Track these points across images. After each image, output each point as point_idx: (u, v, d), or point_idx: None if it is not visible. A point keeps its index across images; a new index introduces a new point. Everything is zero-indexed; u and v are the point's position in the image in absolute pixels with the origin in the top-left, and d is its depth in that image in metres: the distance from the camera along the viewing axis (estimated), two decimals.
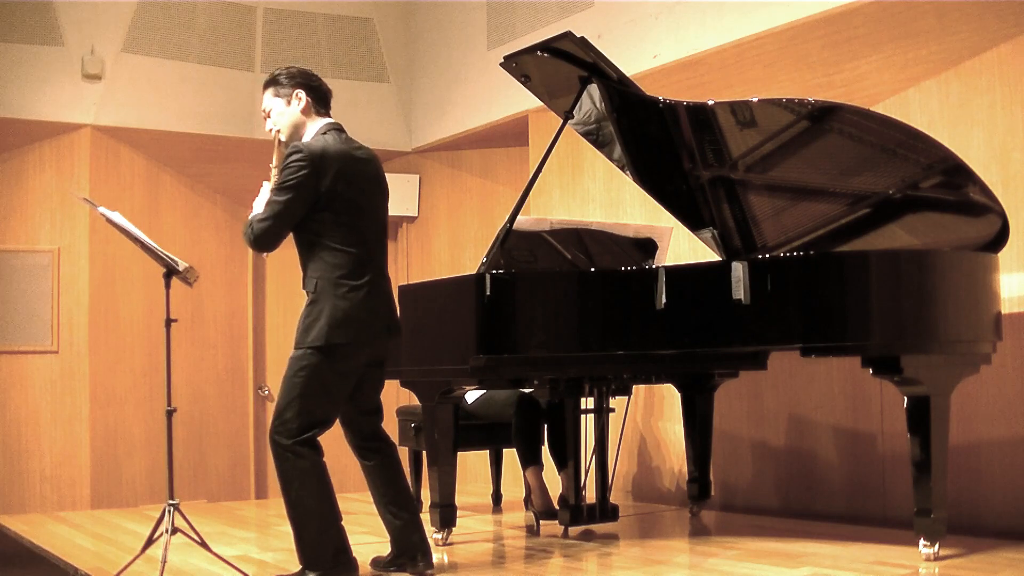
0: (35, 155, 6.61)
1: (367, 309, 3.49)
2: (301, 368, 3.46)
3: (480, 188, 7.43)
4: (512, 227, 4.21)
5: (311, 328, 3.45)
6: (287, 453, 3.45)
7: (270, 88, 3.65)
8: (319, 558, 3.46)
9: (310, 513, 3.45)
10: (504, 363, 4.08)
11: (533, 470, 4.96)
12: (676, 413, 5.33)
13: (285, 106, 3.62)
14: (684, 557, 4.16)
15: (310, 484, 3.45)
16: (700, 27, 5.37)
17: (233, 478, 7.20)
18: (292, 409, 3.45)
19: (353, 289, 3.46)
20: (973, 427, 4.44)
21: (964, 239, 4.09)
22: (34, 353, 6.48)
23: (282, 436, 3.46)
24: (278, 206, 3.42)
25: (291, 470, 3.45)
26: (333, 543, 3.49)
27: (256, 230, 3.45)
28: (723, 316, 3.94)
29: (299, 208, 3.43)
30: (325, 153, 3.46)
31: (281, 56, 7.11)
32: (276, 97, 3.63)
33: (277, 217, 3.43)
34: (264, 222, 3.44)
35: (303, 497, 3.44)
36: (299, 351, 3.49)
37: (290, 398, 3.46)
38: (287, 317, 7.61)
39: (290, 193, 3.41)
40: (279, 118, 3.63)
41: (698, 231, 4.83)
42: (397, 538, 3.71)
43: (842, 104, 4.02)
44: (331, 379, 3.49)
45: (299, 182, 3.40)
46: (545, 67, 4.38)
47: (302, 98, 3.61)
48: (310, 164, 3.41)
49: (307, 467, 3.44)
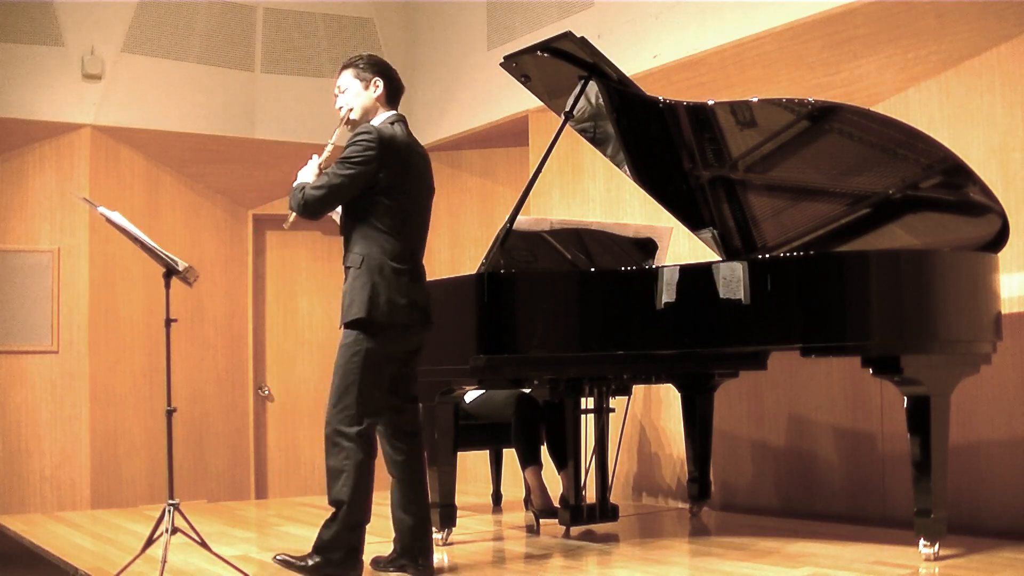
0: (35, 155, 6.61)
1: (406, 295, 3.55)
2: (354, 353, 3.48)
3: (480, 188, 7.43)
4: (512, 227, 4.21)
5: (353, 303, 3.49)
6: (346, 442, 3.45)
7: (350, 69, 3.72)
8: (332, 550, 3.49)
9: (347, 508, 3.47)
10: (504, 363, 4.09)
11: (532, 470, 4.96)
12: (676, 413, 5.33)
13: (363, 89, 3.70)
14: (684, 557, 4.16)
15: (358, 480, 3.46)
16: (700, 27, 5.37)
17: (233, 478, 7.20)
18: (351, 395, 3.46)
19: (395, 272, 3.53)
20: (973, 427, 4.44)
21: (964, 239, 4.09)
22: (34, 353, 6.48)
23: (343, 424, 3.46)
24: (336, 179, 3.49)
25: (345, 461, 3.46)
26: (352, 542, 3.52)
27: (308, 196, 3.51)
28: (723, 316, 3.94)
29: (356, 185, 3.50)
30: (393, 141, 3.55)
31: (281, 56, 7.11)
32: (355, 79, 3.70)
33: (332, 188, 3.50)
34: (318, 190, 3.50)
35: (347, 491, 3.46)
36: (349, 335, 3.51)
37: (346, 383, 3.48)
38: (287, 317, 7.61)
39: (352, 169, 3.48)
40: (354, 99, 3.70)
41: (698, 231, 4.83)
42: (405, 537, 3.72)
43: (842, 104, 4.03)
44: (383, 364, 3.53)
45: (363, 160, 3.48)
46: (545, 67, 4.38)
47: (379, 86, 3.70)
48: (378, 147, 3.49)
49: (361, 462, 3.46)
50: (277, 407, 7.53)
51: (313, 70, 7.17)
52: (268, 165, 7.27)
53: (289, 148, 7.16)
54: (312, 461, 7.53)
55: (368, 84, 3.69)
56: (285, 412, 7.54)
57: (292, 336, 7.61)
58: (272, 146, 7.15)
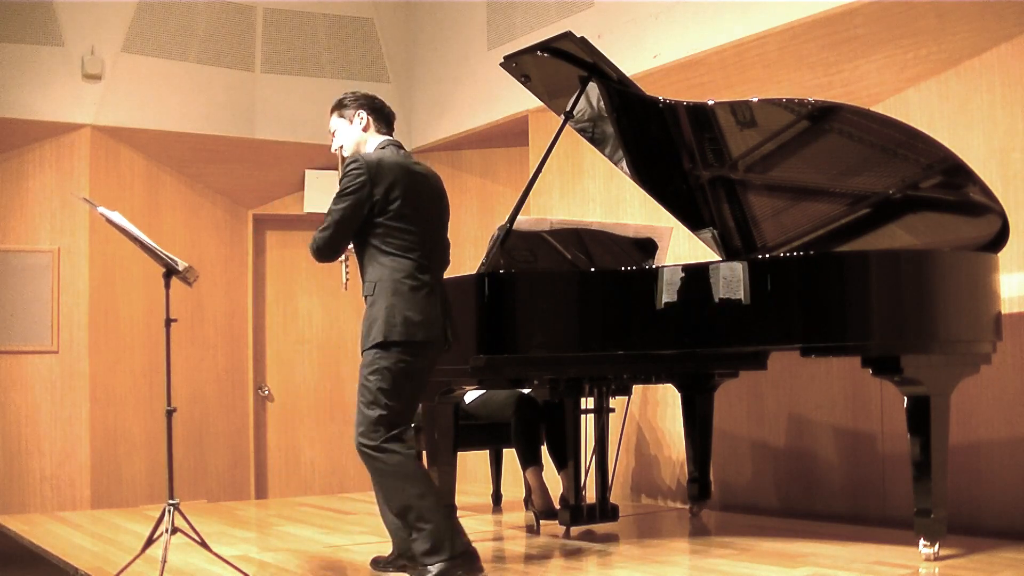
0: (35, 155, 6.61)
1: (422, 311, 3.56)
2: (373, 370, 3.52)
3: (480, 188, 7.43)
4: (512, 227, 4.21)
5: (371, 329, 3.53)
6: (376, 453, 3.47)
7: (336, 111, 3.82)
8: (437, 549, 3.44)
9: (418, 507, 3.44)
10: (504, 363, 4.09)
11: (533, 470, 4.96)
12: (676, 413, 5.33)
13: (348, 125, 3.79)
14: (684, 557, 4.15)
15: (406, 477, 3.46)
16: (700, 27, 5.37)
17: (233, 478, 7.20)
18: (373, 410, 3.49)
19: (411, 290, 3.55)
20: (973, 427, 4.44)
21: (964, 239, 4.09)
22: (34, 353, 6.48)
23: (367, 438, 3.49)
24: (336, 214, 3.56)
25: (383, 469, 3.47)
26: (447, 531, 3.47)
27: (318, 240, 3.61)
28: (723, 316, 3.94)
29: (356, 214, 3.55)
30: (380, 163, 3.60)
31: (281, 56, 7.11)
32: (340, 118, 3.81)
33: (336, 225, 3.57)
34: (325, 231, 3.59)
35: (404, 491, 3.45)
36: (368, 354, 3.54)
37: (368, 400, 3.51)
38: (287, 317, 7.62)
39: (347, 200, 3.55)
40: (343, 137, 3.80)
41: (698, 231, 4.83)
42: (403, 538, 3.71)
43: (842, 104, 4.02)
44: (402, 377, 3.54)
45: (356, 188, 3.54)
46: (545, 67, 4.38)
47: (363, 117, 3.78)
48: (366, 172, 3.55)
49: (399, 461, 3.47)
50: (277, 407, 7.53)
51: (313, 70, 7.18)
52: (268, 165, 7.27)
53: (289, 148, 7.17)
54: (312, 461, 7.54)
55: (352, 119, 3.78)
56: (285, 412, 7.55)
57: (292, 336, 7.61)
58: (272, 146, 7.15)
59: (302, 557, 4.24)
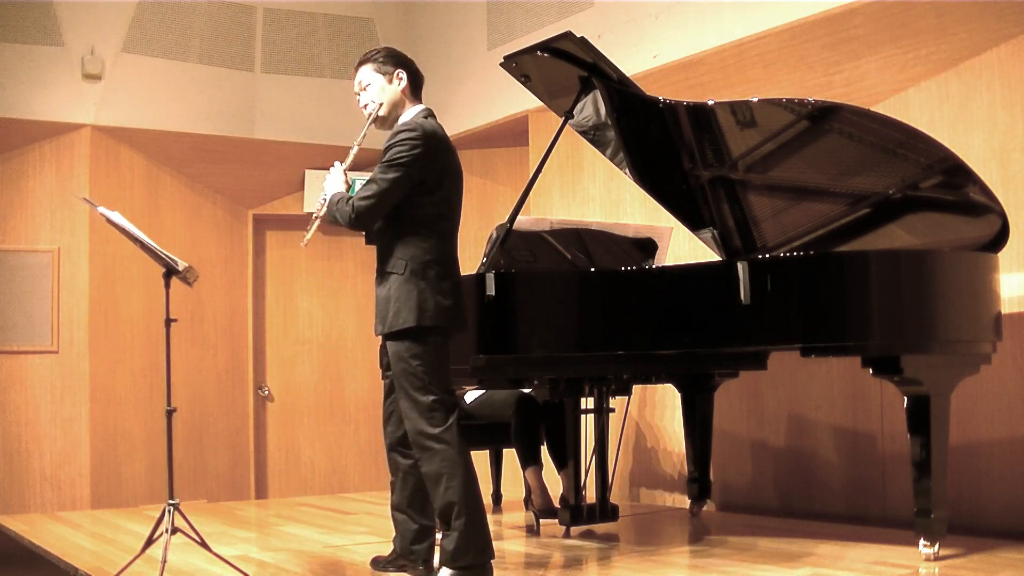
0: (35, 155, 6.61)
1: (453, 297, 3.42)
2: (413, 356, 3.33)
3: (480, 188, 7.43)
4: (512, 227, 4.21)
5: (402, 310, 3.32)
6: (437, 444, 3.31)
7: (369, 64, 3.54)
8: (465, 552, 3.31)
9: (463, 505, 3.30)
10: (504, 363, 4.09)
11: (533, 470, 4.96)
12: (676, 413, 5.33)
13: (387, 83, 3.51)
14: (684, 557, 4.16)
15: (459, 475, 3.31)
16: (700, 27, 5.37)
17: (233, 478, 7.20)
18: (427, 396, 3.31)
19: (440, 276, 3.39)
20: (973, 427, 4.44)
21: (964, 239, 4.09)
22: (34, 353, 6.48)
23: (430, 426, 3.31)
24: (385, 183, 3.31)
25: (441, 461, 3.30)
26: (481, 539, 3.35)
27: (359, 207, 3.32)
28: (723, 316, 3.94)
29: (406, 186, 3.34)
30: (436, 136, 3.41)
31: (281, 56, 7.11)
32: (377, 73, 3.52)
33: (383, 195, 3.32)
34: (368, 199, 3.31)
35: (454, 488, 3.30)
36: (400, 344, 3.34)
37: (418, 386, 3.32)
38: (287, 317, 7.61)
39: (399, 171, 3.32)
40: (379, 94, 3.52)
41: (698, 231, 4.83)
42: (408, 540, 3.70)
43: (842, 104, 4.03)
44: (437, 362, 3.37)
45: (411, 160, 3.32)
46: (545, 67, 4.38)
47: (403, 78, 3.53)
48: (424, 144, 3.34)
49: (455, 456, 3.31)
50: (277, 407, 7.53)
51: (313, 70, 7.17)
52: (268, 165, 7.26)
53: (289, 148, 7.16)
54: (312, 461, 7.54)
55: (392, 78, 3.51)
56: (285, 412, 7.54)
57: (292, 336, 7.61)
58: (272, 146, 7.15)
59: (302, 557, 4.24)
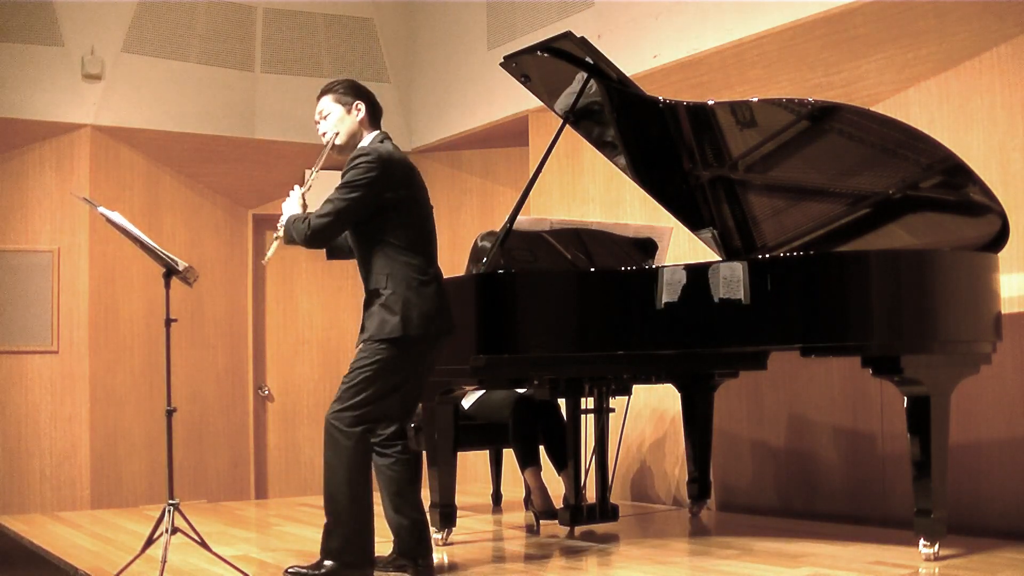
0: (35, 155, 6.61)
1: (437, 305, 3.60)
2: (375, 360, 3.50)
3: (480, 188, 7.43)
4: (512, 227, 4.21)
5: (386, 322, 3.50)
6: (340, 437, 3.47)
7: (330, 94, 3.75)
8: (342, 550, 3.49)
9: (346, 503, 3.48)
10: (504, 363, 4.09)
11: (532, 471, 4.96)
12: (676, 413, 5.33)
13: (345, 113, 3.72)
14: (684, 557, 4.16)
15: (353, 477, 3.47)
16: (700, 27, 5.37)
17: (233, 478, 7.20)
18: (355, 398, 3.49)
19: (423, 284, 3.57)
20: (973, 427, 4.44)
21: (964, 239, 4.09)
22: (34, 353, 6.48)
23: (341, 422, 3.48)
24: (342, 203, 3.51)
25: (339, 458, 3.47)
26: (360, 539, 3.52)
27: (315, 224, 3.52)
28: (723, 316, 3.94)
29: (361, 209, 3.52)
30: (392, 158, 3.59)
31: (281, 56, 7.11)
32: (336, 103, 3.73)
33: (339, 214, 3.51)
34: (325, 218, 3.51)
35: (343, 487, 3.47)
36: (373, 344, 3.52)
37: (356, 388, 3.50)
38: (287, 317, 7.61)
39: (356, 192, 3.50)
40: (338, 123, 3.72)
41: (698, 231, 4.83)
42: (402, 538, 3.71)
43: (842, 104, 4.03)
44: (401, 373, 3.55)
45: (367, 183, 3.50)
46: (545, 67, 4.38)
47: (361, 109, 3.72)
48: (380, 167, 3.52)
49: (356, 459, 3.48)
50: (277, 407, 7.53)
51: (313, 70, 7.17)
52: (268, 165, 7.26)
53: (289, 148, 7.16)
54: (312, 461, 7.53)
55: (350, 108, 3.71)
56: (285, 412, 7.54)
57: (292, 336, 7.61)
58: (272, 146, 7.15)
59: (302, 557, 4.24)
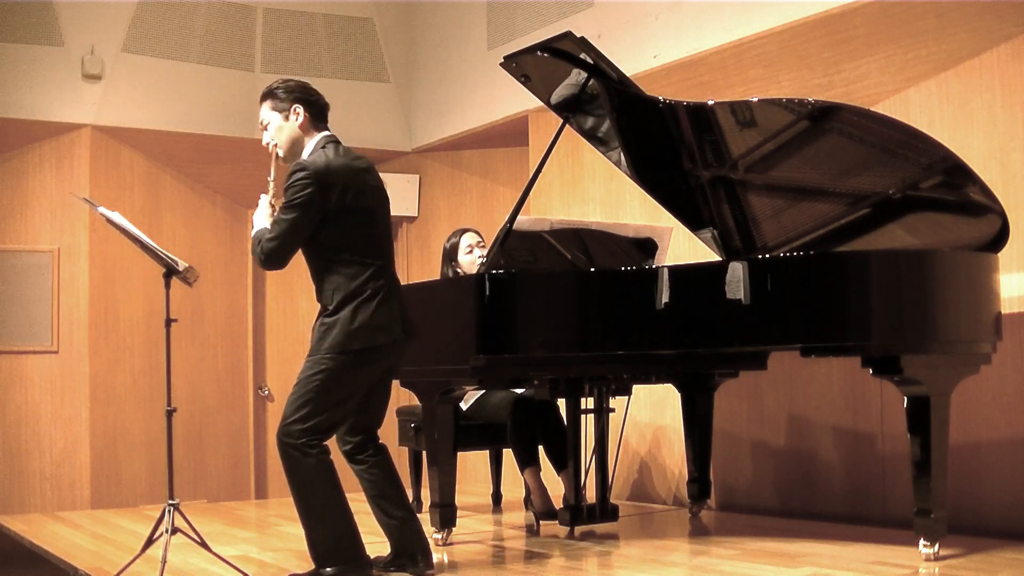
0: (35, 155, 6.61)
1: (385, 315, 3.52)
2: (318, 372, 3.46)
3: (480, 188, 7.43)
4: (512, 227, 4.21)
5: (326, 336, 3.47)
6: (294, 452, 3.44)
7: (268, 101, 3.60)
8: (331, 555, 3.49)
9: (319, 512, 3.47)
10: (504, 363, 4.08)
11: (531, 471, 4.96)
12: (676, 413, 5.32)
13: (283, 121, 3.57)
14: (684, 557, 4.16)
15: (318, 483, 3.46)
16: (700, 27, 5.37)
17: (233, 478, 7.20)
18: (302, 411, 3.44)
19: (371, 297, 3.49)
20: (973, 427, 4.44)
21: (964, 239, 4.09)
22: (34, 353, 6.48)
23: (289, 437, 3.45)
24: (285, 224, 3.43)
25: (298, 470, 3.45)
26: (345, 540, 3.51)
27: (265, 249, 3.47)
28: (723, 316, 3.94)
29: (306, 226, 3.44)
30: (329, 168, 3.46)
31: (281, 56, 7.11)
32: (273, 111, 3.58)
33: (285, 235, 3.44)
34: (273, 241, 3.45)
35: (311, 496, 3.46)
36: (315, 357, 3.48)
37: (302, 401, 3.46)
38: (287, 317, 7.61)
39: (296, 212, 3.42)
40: (277, 133, 3.59)
41: (698, 231, 4.83)
42: (396, 537, 3.72)
43: (842, 104, 4.02)
44: (348, 385, 3.50)
45: (305, 200, 3.40)
46: (545, 67, 4.38)
47: (300, 113, 3.57)
48: (315, 182, 3.41)
49: (314, 465, 3.45)
50: (277, 407, 7.53)
51: (313, 70, 7.17)
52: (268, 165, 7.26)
53: None
54: None
55: (287, 114, 3.55)
56: None
57: (292, 336, 7.61)
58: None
59: (302, 557, 4.24)
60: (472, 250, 5.02)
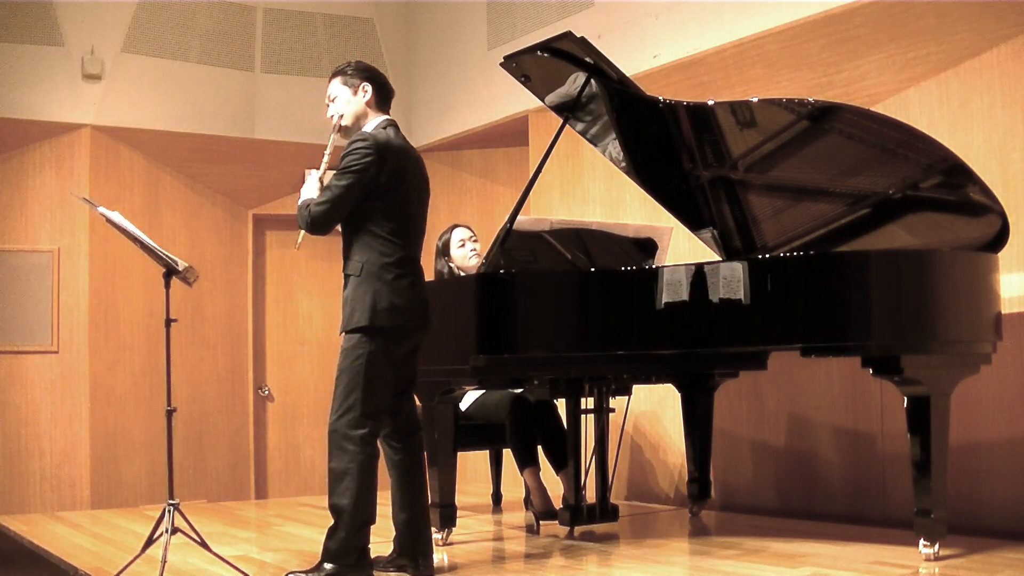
0: (35, 155, 6.61)
1: (410, 298, 3.59)
2: (357, 356, 3.52)
3: (480, 188, 7.43)
4: (512, 227, 4.21)
5: (356, 310, 3.53)
6: (351, 445, 3.48)
7: (339, 76, 3.74)
8: (343, 555, 3.50)
9: (352, 510, 3.48)
10: (504, 363, 4.08)
11: (530, 471, 4.96)
12: (676, 413, 5.33)
13: (352, 95, 3.72)
14: (684, 557, 4.16)
15: (362, 480, 3.48)
16: (700, 27, 5.37)
17: (233, 478, 7.19)
18: (355, 396, 3.49)
19: (398, 277, 3.57)
20: (973, 427, 4.44)
21: (964, 239, 4.09)
22: (34, 353, 6.48)
23: (348, 427, 3.49)
24: (338, 190, 3.52)
25: (349, 463, 3.48)
26: (360, 544, 3.54)
27: (314, 212, 3.55)
28: (723, 316, 3.94)
29: (358, 193, 3.53)
30: (388, 145, 3.59)
31: (281, 56, 7.11)
32: (344, 86, 3.73)
33: (336, 201, 3.52)
34: (323, 205, 3.54)
35: (350, 491, 3.48)
36: (351, 338, 3.54)
37: (352, 386, 3.50)
38: (287, 317, 7.61)
39: (351, 178, 3.51)
40: (345, 106, 3.72)
41: (698, 231, 4.83)
42: (404, 536, 3.72)
43: (842, 104, 4.03)
44: (385, 366, 3.56)
45: (362, 168, 3.51)
46: (545, 67, 4.38)
47: (368, 91, 3.72)
48: (375, 153, 3.53)
49: (364, 462, 3.49)
50: (277, 407, 7.53)
51: (313, 70, 7.17)
52: (268, 165, 7.26)
53: (289, 148, 7.16)
54: (312, 461, 7.54)
55: (357, 90, 3.71)
56: (285, 412, 7.54)
57: (292, 336, 7.61)
58: (272, 146, 7.15)
59: (302, 557, 4.24)
60: (464, 244, 5.03)
